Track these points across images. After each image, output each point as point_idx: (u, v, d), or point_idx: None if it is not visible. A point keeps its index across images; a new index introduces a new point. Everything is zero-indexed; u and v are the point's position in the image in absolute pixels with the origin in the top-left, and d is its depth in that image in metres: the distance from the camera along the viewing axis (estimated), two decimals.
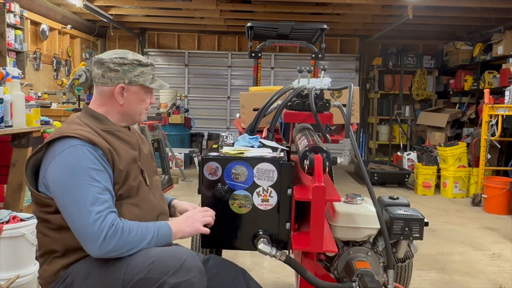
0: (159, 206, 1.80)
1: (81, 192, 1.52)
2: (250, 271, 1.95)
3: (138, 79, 1.72)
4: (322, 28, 4.27)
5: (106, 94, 1.72)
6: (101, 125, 1.69)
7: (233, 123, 3.50)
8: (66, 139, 1.58)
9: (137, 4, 7.58)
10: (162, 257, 1.53)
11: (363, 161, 3.02)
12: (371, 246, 2.06)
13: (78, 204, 1.51)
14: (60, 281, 1.61)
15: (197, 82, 9.98)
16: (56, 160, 1.56)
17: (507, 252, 4.06)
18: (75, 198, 1.52)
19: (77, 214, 1.51)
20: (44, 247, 1.66)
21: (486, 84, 7.54)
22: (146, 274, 1.50)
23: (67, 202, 1.53)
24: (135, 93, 1.73)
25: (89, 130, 1.63)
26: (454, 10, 7.12)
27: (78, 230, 1.52)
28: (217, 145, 2.06)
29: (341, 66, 9.90)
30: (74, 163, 1.55)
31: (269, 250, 1.78)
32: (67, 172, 1.54)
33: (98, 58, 1.72)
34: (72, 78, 6.01)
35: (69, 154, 1.56)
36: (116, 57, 1.70)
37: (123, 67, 1.70)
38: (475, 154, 6.43)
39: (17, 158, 3.27)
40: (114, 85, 1.70)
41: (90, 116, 1.71)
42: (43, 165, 1.62)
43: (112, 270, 1.54)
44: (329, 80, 2.09)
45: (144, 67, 1.74)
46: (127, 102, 1.73)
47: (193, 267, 1.53)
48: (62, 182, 1.54)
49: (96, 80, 1.73)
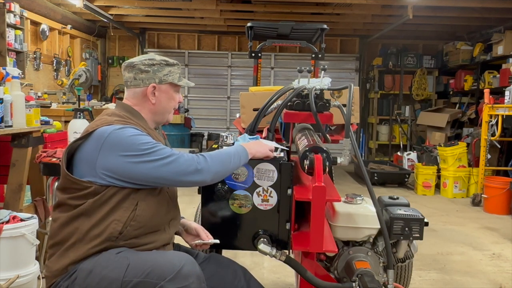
0: (173, 212, 1.82)
1: (152, 153, 1.60)
2: (250, 271, 1.95)
3: (167, 78, 1.82)
4: (322, 28, 4.27)
5: (139, 95, 1.81)
6: (139, 121, 1.77)
7: (233, 123, 3.50)
8: (109, 126, 1.65)
9: (137, 4, 7.58)
10: (161, 262, 1.54)
11: (363, 161, 3.02)
12: (371, 246, 2.06)
13: (157, 162, 1.60)
14: (66, 276, 1.61)
15: (197, 82, 9.95)
16: (106, 144, 1.62)
17: (507, 252, 4.07)
18: (152, 159, 1.60)
19: (162, 168, 1.60)
20: (59, 236, 1.66)
21: (486, 84, 7.54)
22: (144, 277, 1.51)
23: (146, 169, 1.60)
24: (166, 92, 1.83)
25: (131, 122, 1.72)
26: (454, 10, 7.12)
27: (172, 178, 1.62)
28: (217, 145, 2.06)
29: (341, 66, 9.89)
30: (124, 139, 1.62)
31: (269, 250, 1.78)
32: (126, 147, 1.61)
33: (129, 63, 1.82)
34: (72, 78, 6.01)
35: (116, 135, 1.62)
36: (145, 59, 1.80)
37: (153, 68, 1.79)
38: (475, 154, 6.43)
39: (17, 158, 3.26)
40: (146, 85, 1.79)
41: (126, 111, 1.79)
42: (89, 153, 1.65)
43: (112, 270, 1.55)
44: (329, 80, 2.09)
45: (171, 67, 1.83)
46: (159, 100, 1.82)
47: (191, 274, 1.53)
48: (128, 158, 1.60)
49: (128, 84, 1.81)
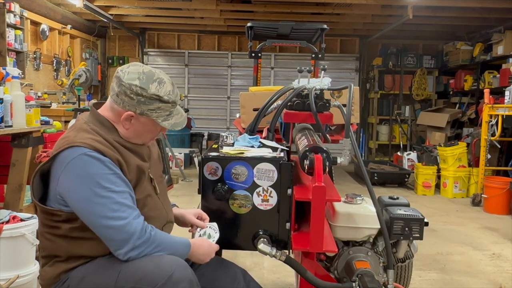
0: (166, 216, 1.77)
1: (100, 201, 1.50)
2: (250, 271, 1.95)
3: (151, 114, 1.61)
4: (322, 28, 4.27)
5: (116, 112, 1.62)
6: (110, 134, 1.61)
7: (233, 123, 3.50)
8: (73, 148, 1.52)
9: (137, 4, 7.58)
10: (152, 268, 1.51)
11: (363, 161, 3.02)
12: (371, 246, 2.06)
13: (100, 214, 1.50)
14: (59, 284, 1.61)
15: (197, 82, 9.97)
16: (66, 169, 1.52)
17: (507, 252, 4.06)
18: (95, 209, 1.50)
19: (100, 226, 1.51)
20: (47, 250, 1.64)
21: (486, 84, 7.54)
22: (135, 284, 1.50)
23: (88, 213, 1.51)
24: (144, 123, 1.63)
25: (98, 139, 1.57)
26: (454, 10, 7.12)
27: (106, 239, 1.53)
28: (217, 145, 2.06)
29: (341, 66, 9.89)
30: (85, 172, 1.50)
31: (269, 250, 1.78)
32: (80, 183, 1.50)
33: (119, 76, 1.59)
34: (72, 78, 6.02)
35: (78, 163, 1.51)
36: (137, 85, 1.57)
37: (138, 98, 1.58)
38: (475, 154, 6.43)
39: (17, 158, 3.27)
40: (124, 109, 1.60)
41: (99, 122, 1.63)
42: (53, 177, 1.57)
43: (104, 276, 1.55)
44: (329, 80, 2.09)
45: (163, 103, 1.60)
46: (133, 129, 1.64)
47: (182, 279, 1.51)
48: (78, 194, 1.51)
49: (111, 93, 1.63)
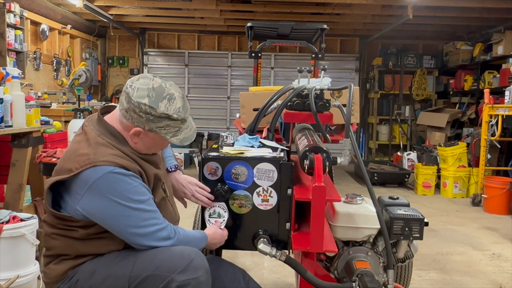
0: (175, 215, 1.83)
1: (132, 213, 1.55)
2: (250, 271, 1.95)
3: (160, 131, 1.61)
4: (322, 28, 4.27)
5: (125, 125, 1.62)
6: (124, 147, 1.62)
7: (233, 123, 3.50)
8: (97, 167, 1.53)
9: (137, 4, 7.57)
10: (170, 256, 1.54)
11: (363, 161, 3.02)
12: (371, 246, 2.06)
13: (134, 225, 1.55)
14: (66, 280, 1.61)
15: (197, 82, 9.97)
16: (92, 189, 1.52)
17: (507, 252, 4.06)
18: (129, 221, 1.55)
19: (133, 234, 1.57)
20: (54, 250, 1.64)
21: (486, 84, 7.54)
22: (153, 271, 1.52)
23: (120, 225, 1.56)
24: (152, 138, 1.63)
25: (119, 153, 1.58)
26: (454, 10, 7.12)
27: (137, 245, 1.59)
28: (217, 145, 2.06)
29: (341, 66, 9.89)
30: (113, 189, 1.53)
31: (269, 250, 1.78)
32: (110, 201, 1.52)
33: (129, 93, 1.57)
34: (72, 78, 6.00)
35: (105, 182, 1.52)
36: (146, 104, 1.55)
37: (147, 116, 1.57)
38: (475, 154, 6.43)
39: (17, 158, 3.26)
40: (133, 124, 1.60)
41: (110, 134, 1.63)
42: (72, 192, 1.56)
43: (118, 267, 1.56)
44: (329, 80, 2.09)
45: (172, 121, 1.60)
46: (142, 143, 1.64)
47: (201, 266, 1.55)
48: (109, 211, 1.54)
49: (120, 107, 1.62)
